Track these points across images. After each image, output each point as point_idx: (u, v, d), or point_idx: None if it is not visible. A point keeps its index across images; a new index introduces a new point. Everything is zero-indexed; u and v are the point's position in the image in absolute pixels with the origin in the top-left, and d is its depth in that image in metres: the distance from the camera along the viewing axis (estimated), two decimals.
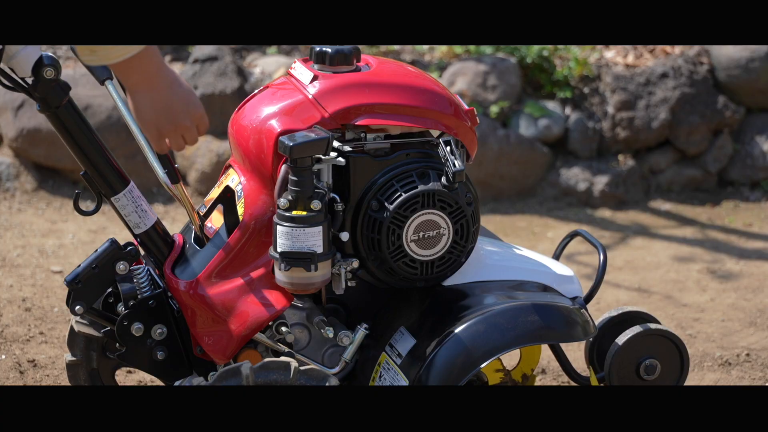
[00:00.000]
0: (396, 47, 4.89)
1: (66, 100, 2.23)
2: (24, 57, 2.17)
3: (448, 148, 2.22)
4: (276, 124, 2.25)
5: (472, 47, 4.80)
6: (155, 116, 2.00)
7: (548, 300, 2.34)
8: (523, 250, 2.55)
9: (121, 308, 2.32)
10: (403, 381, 2.24)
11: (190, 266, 2.31)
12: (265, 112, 2.28)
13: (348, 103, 2.25)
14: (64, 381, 2.78)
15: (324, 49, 2.30)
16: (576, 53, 4.79)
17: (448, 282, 2.36)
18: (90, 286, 2.30)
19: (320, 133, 2.17)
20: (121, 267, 2.30)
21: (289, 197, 2.16)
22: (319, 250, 2.17)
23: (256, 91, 2.40)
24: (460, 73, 4.70)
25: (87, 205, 2.35)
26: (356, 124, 2.25)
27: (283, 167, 2.19)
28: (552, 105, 4.72)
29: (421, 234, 2.26)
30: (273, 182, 2.23)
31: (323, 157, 2.17)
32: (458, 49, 4.81)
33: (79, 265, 2.31)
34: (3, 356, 3.10)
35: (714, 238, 4.30)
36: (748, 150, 4.76)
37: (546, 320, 2.28)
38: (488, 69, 4.68)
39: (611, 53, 4.90)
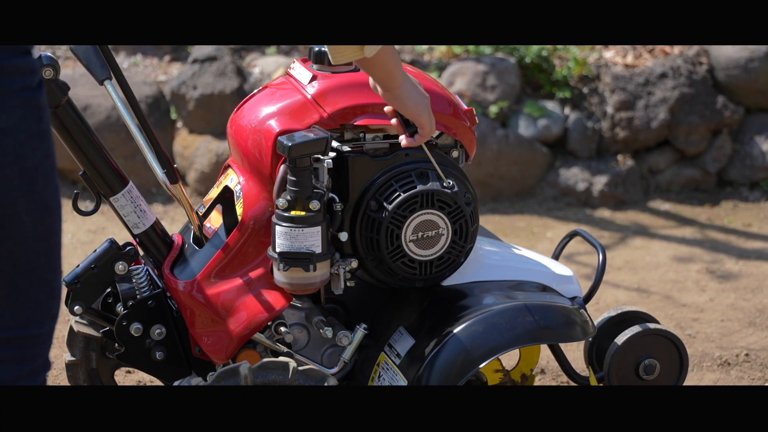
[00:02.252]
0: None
1: (65, 100, 2.23)
2: None
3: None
4: (275, 124, 2.25)
5: (471, 47, 4.80)
6: (422, 96, 2.09)
7: (547, 300, 2.34)
8: (522, 250, 2.55)
9: (120, 308, 2.32)
10: (402, 381, 2.24)
11: (189, 266, 2.31)
12: (264, 112, 2.28)
13: (347, 103, 2.25)
14: (63, 381, 2.78)
15: (323, 49, 2.30)
16: (575, 53, 4.79)
17: (447, 282, 2.36)
18: (89, 287, 2.30)
19: (319, 133, 2.17)
20: (120, 267, 2.30)
21: (288, 197, 2.16)
22: (318, 250, 2.17)
23: (255, 91, 2.40)
24: (459, 73, 4.70)
25: (86, 205, 2.35)
26: (355, 124, 2.25)
27: (282, 167, 2.19)
28: (551, 105, 4.72)
29: (420, 234, 2.26)
30: (272, 182, 2.23)
31: (322, 157, 2.17)
32: (457, 49, 4.81)
33: (78, 266, 2.31)
34: None
35: (713, 238, 4.30)
36: (747, 150, 4.76)
37: (545, 320, 2.28)
38: (487, 69, 4.68)
39: (610, 53, 4.90)
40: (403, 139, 2.16)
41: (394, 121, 2.16)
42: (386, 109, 2.15)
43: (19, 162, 1.56)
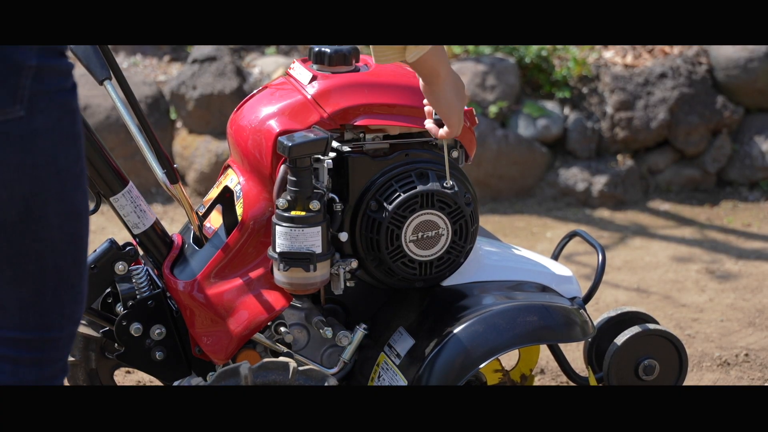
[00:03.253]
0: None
1: None
2: None
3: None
4: (275, 125, 2.25)
5: (470, 47, 4.80)
6: (460, 101, 2.10)
7: (547, 300, 2.34)
8: (521, 250, 2.55)
9: (119, 308, 2.33)
10: (402, 381, 2.24)
11: (189, 266, 2.31)
12: (264, 113, 2.28)
13: (347, 104, 2.25)
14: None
15: (323, 49, 2.30)
16: (575, 53, 4.79)
17: (446, 282, 2.36)
18: (89, 287, 2.30)
19: (319, 133, 2.17)
20: (120, 267, 2.30)
21: (288, 197, 2.16)
22: (318, 250, 2.17)
23: (254, 91, 2.40)
24: (459, 73, 4.70)
25: None
26: (355, 124, 2.25)
27: (282, 167, 2.19)
28: (551, 105, 4.72)
29: (419, 234, 2.26)
30: (272, 182, 2.24)
31: (322, 158, 2.17)
32: (457, 49, 4.81)
33: None
34: None
35: (713, 239, 4.30)
36: (746, 150, 4.76)
37: (545, 320, 2.28)
38: (487, 69, 4.68)
39: (610, 53, 4.90)
40: (429, 123, 2.16)
41: (427, 123, 2.16)
42: (426, 109, 2.16)
43: (53, 164, 1.56)
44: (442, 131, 2.14)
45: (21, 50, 1.51)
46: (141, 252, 2.36)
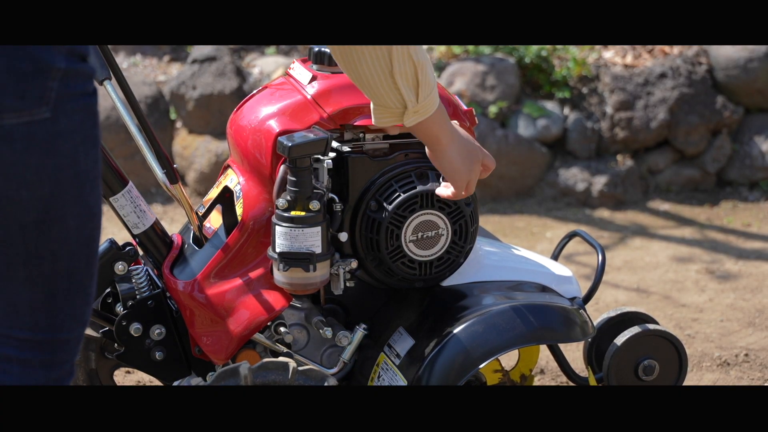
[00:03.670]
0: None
1: None
2: None
3: None
4: (275, 125, 2.25)
5: (470, 47, 4.80)
6: (468, 163, 2.08)
7: (547, 300, 2.34)
8: (521, 250, 2.55)
9: (119, 308, 2.33)
10: (402, 381, 2.24)
11: (189, 266, 2.31)
12: (264, 113, 2.28)
13: (347, 104, 2.25)
14: None
15: (323, 49, 2.30)
16: (575, 53, 4.79)
17: (446, 282, 2.36)
18: None
19: (319, 133, 2.17)
20: (120, 267, 2.30)
21: (288, 197, 2.16)
22: (318, 250, 2.17)
23: (254, 91, 2.40)
24: (458, 73, 4.70)
25: None
26: (355, 124, 2.25)
27: (282, 167, 2.19)
28: (551, 105, 4.72)
29: (419, 234, 2.26)
30: (272, 182, 2.23)
31: (322, 158, 2.17)
32: (457, 49, 4.81)
33: None
34: None
35: (713, 239, 4.30)
36: (746, 150, 4.76)
37: (544, 321, 2.28)
38: (487, 69, 4.68)
39: (610, 53, 4.90)
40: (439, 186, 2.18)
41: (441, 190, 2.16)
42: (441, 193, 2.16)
43: (73, 166, 1.57)
44: (448, 192, 2.14)
45: (50, 52, 1.52)
46: (141, 252, 2.36)
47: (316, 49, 2.31)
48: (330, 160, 2.17)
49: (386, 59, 1.88)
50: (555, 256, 2.63)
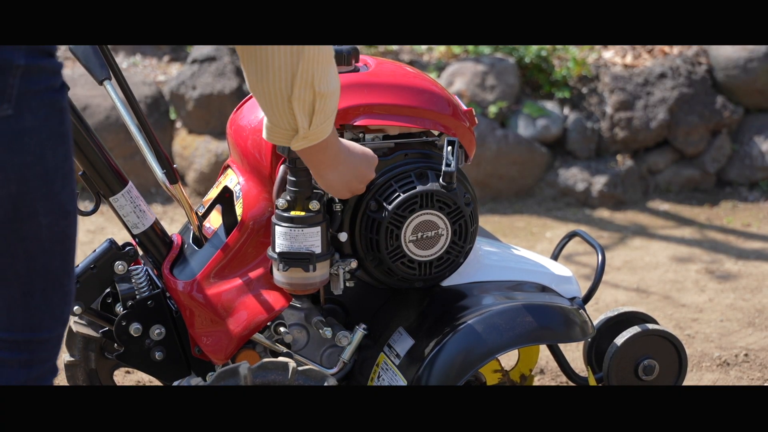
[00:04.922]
0: (394, 47, 4.89)
1: None
2: None
3: (450, 147, 2.22)
4: None
5: (470, 47, 4.80)
6: (346, 185, 2.09)
7: (546, 300, 2.34)
8: (521, 250, 2.55)
9: (119, 308, 2.33)
10: (402, 381, 2.24)
11: (189, 266, 2.31)
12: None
13: (346, 104, 2.25)
14: (62, 381, 2.78)
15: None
16: (574, 53, 4.79)
17: (446, 282, 2.36)
18: (88, 287, 2.30)
19: None
20: (120, 267, 2.30)
21: (288, 197, 2.16)
22: (318, 250, 2.17)
23: None
24: (458, 73, 4.70)
25: (85, 205, 2.35)
26: (355, 124, 2.25)
27: (282, 167, 2.19)
28: (550, 105, 4.72)
29: (419, 234, 2.26)
30: (271, 182, 2.23)
31: None
32: (457, 49, 4.81)
33: (78, 266, 2.30)
34: None
35: (712, 239, 4.30)
36: (746, 150, 4.76)
37: (544, 321, 2.28)
38: (487, 69, 4.69)
39: (610, 53, 4.90)
40: None
41: None
42: None
43: (40, 163, 1.55)
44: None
45: (8, 50, 1.51)
46: (140, 252, 2.36)
47: None
48: None
49: (288, 83, 1.81)
50: (555, 256, 2.63)
